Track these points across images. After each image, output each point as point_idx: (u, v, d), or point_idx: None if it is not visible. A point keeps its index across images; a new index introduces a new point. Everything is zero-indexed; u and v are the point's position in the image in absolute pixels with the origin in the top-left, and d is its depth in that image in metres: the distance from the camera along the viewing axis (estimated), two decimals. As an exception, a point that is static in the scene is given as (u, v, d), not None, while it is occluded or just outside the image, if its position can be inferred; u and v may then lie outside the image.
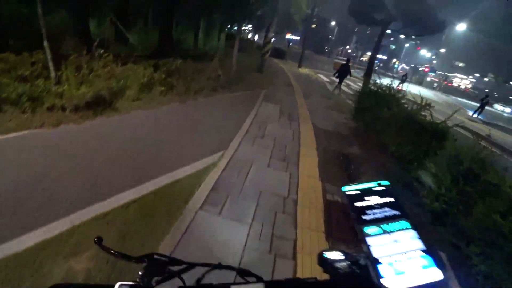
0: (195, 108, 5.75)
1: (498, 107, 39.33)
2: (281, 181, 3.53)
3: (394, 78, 12.78)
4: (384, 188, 0.67)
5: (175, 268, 0.61)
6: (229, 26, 15.62)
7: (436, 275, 0.52)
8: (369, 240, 0.57)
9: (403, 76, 23.35)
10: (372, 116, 5.70)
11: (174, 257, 0.62)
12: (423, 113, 4.94)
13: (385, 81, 6.92)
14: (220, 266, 0.63)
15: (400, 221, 0.60)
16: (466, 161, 3.08)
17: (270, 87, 9.71)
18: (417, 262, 0.54)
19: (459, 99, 38.01)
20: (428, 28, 7.30)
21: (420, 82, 41.67)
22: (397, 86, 20.97)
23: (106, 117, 4.46)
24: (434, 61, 57.91)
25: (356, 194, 0.65)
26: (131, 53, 7.71)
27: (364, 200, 0.64)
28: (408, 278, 0.51)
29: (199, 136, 4.38)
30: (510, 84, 54.13)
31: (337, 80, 12.15)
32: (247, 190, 3.15)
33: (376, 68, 23.25)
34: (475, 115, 17.82)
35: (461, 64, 55.96)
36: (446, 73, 60.08)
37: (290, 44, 29.24)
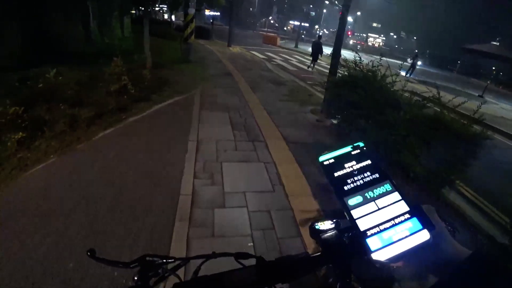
0: (89, 159, 3.23)
1: (410, 60, 43.00)
2: None
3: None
4: (359, 150, 0.59)
5: (170, 266, 0.56)
6: (135, 8, 12.26)
7: (423, 236, 0.48)
8: (353, 212, 0.51)
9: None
10: (369, 120, 3.99)
11: (166, 255, 0.56)
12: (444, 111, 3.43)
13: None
14: (214, 255, 0.59)
15: (382, 184, 0.55)
16: None
17: (204, 83, 7.33)
18: (404, 227, 0.49)
19: (382, 58, 40.22)
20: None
21: (345, 46, 42.90)
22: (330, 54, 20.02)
23: None
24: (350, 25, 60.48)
25: (333, 163, 0.58)
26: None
27: (344, 168, 0.57)
28: (397, 246, 0.47)
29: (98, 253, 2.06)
30: (414, 39, 60.44)
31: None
32: None
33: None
34: (408, 75, 18.15)
35: (375, 25, 59.65)
36: (362, 34, 63.71)
37: (213, 21, 26.05)
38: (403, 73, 19.25)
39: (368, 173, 0.57)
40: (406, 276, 0.49)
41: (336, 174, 0.57)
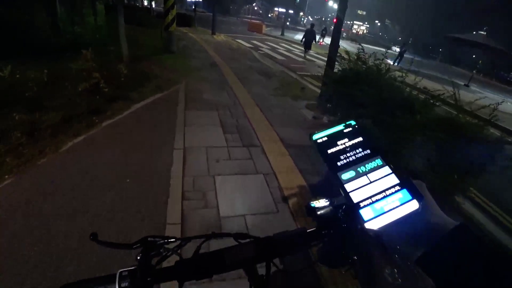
0: (54, 178, 2.65)
1: (396, 49, 42.93)
2: None
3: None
4: (351, 128, 0.62)
5: (171, 246, 0.56)
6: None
7: (413, 206, 0.51)
8: (346, 186, 0.54)
9: (322, 30, 22.22)
10: (374, 120, 3.60)
11: (167, 236, 0.56)
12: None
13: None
14: (215, 235, 0.59)
15: (373, 159, 0.57)
16: None
17: (189, 76, 6.71)
18: (394, 198, 0.52)
19: (365, 45, 39.89)
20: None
21: (330, 33, 42.28)
22: (319, 41, 19.57)
23: None
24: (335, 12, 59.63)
25: (326, 141, 0.60)
26: None
27: (337, 145, 0.60)
28: (388, 216, 0.50)
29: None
30: (397, 28, 60.71)
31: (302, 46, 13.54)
32: None
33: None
34: (396, 64, 17.99)
35: (360, 12, 59.04)
36: (346, 21, 63.25)
37: (195, 7, 24.77)
38: (390, 62, 19.14)
39: (360, 149, 0.59)
40: (397, 245, 0.50)
41: (329, 151, 0.58)
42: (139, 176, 2.81)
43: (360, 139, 0.60)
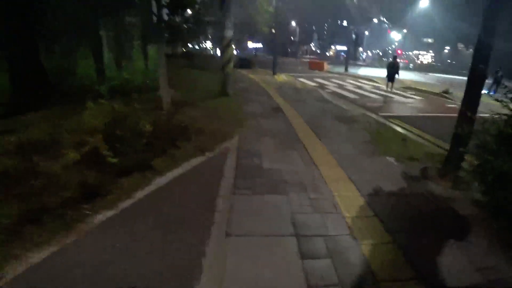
0: None
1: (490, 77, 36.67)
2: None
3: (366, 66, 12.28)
4: None
5: None
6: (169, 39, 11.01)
7: None
8: None
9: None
10: None
11: None
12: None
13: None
14: None
15: None
16: None
17: (244, 127, 5.08)
18: None
19: (436, 74, 34.78)
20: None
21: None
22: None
23: None
24: (396, 43, 55.76)
25: None
26: None
27: None
28: None
29: None
30: (470, 51, 53.31)
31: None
32: None
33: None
34: (492, 93, 14.04)
35: (430, 40, 54.06)
36: (407, 52, 58.55)
37: (256, 52, 25.05)
38: (484, 91, 15.11)
39: None
40: None
41: None
42: None
43: None
